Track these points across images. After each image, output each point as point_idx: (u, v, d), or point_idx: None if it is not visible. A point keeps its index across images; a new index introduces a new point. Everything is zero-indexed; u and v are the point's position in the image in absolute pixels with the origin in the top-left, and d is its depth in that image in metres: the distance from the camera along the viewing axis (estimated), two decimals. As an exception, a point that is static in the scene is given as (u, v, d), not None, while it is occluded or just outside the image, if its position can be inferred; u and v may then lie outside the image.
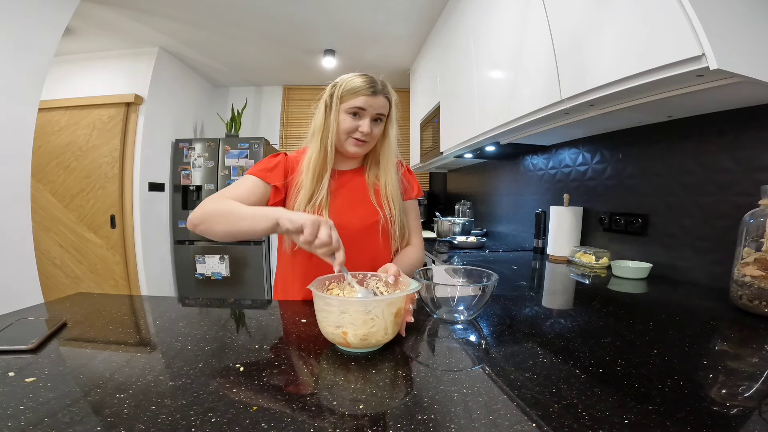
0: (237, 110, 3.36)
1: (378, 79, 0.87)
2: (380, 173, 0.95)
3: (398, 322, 0.60)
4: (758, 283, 0.75)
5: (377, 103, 0.86)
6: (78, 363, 0.53)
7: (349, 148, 0.89)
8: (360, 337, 0.55)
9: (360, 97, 0.84)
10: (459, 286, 0.79)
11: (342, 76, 0.88)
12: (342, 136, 0.88)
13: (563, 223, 1.56)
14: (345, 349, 0.59)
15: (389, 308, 0.57)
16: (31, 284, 1.71)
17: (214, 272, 3.04)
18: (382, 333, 0.57)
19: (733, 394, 0.46)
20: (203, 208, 0.79)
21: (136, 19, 2.41)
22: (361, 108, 0.85)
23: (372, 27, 2.56)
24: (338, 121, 0.87)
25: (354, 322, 0.55)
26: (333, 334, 0.57)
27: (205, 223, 0.77)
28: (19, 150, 1.68)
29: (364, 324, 0.55)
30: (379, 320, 0.56)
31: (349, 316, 0.55)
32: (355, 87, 0.85)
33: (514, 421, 0.40)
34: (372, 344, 0.57)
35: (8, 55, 1.60)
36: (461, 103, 2.03)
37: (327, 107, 0.88)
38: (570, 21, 1.11)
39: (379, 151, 0.95)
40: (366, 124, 0.86)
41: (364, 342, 0.56)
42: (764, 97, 0.91)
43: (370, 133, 0.87)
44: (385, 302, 0.57)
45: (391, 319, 0.57)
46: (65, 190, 2.77)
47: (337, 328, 0.56)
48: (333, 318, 0.57)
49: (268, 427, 0.38)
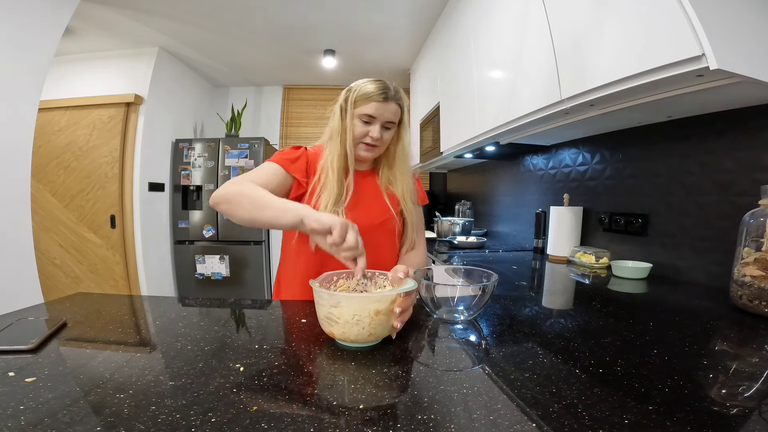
0: (237, 110, 3.37)
1: (391, 85, 0.89)
2: (395, 177, 0.97)
3: (385, 322, 0.59)
4: (758, 283, 0.75)
5: (389, 109, 0.88)
6: (78, 363, 0.53)
7: (360, 152, 0.91)
8: (341, 333, 0.58)
9: (372, 103, 0.86)
10: (459, 286, 0.79)
11: (357, 81, 0.91)
12: (354, 140, 0.90)
13: (563, 223, 1.56)
14: (340, 342, 0.61)
15: (371, 305, 0.57)
16: (31, 284, 1.71)
17: (214, 272, 3.04)
18: (365, 333, 0.57)
19: (733, 394, 0.46)
20: (228, 188, 0.79)
21: (136, 19, 2.41)
22: (372, 116, 0.87)
23: (372, 27, 2.56)
24: (352, 126, 0.89)
25: (340, 317, 0.57)
26: (325, 325, 0.61)
27: (228, 203, 0.78)
28: (19, 150, 1.68)
29: (348, 321, 0.57)
30: (364, 318, 0.57)
31: (337, 310, 0.58)
32: (367, 93, 0.86)
33: (514, 421, 0.40)
34: (353, 340, 0.58)
35: (8, 55, 1.60)
36: (461, 103, 2.03)
37: (342, 111, 0.90)
38: (570, 21, 1.11)
39: (392, 154, 0.97)
40: (376, 130, 0.88)
41: (345, 337, 0.58)
42: (764, 97, 0.91)
43: (380, 139, 0.89)
44: (368, 300, 0.58)
45: (374, 317, 0.57)
46: (65, 190, 2.77)
47: (328, 321, 0.59)
48: (324, 311, 0.60)
49: (268, 427, 0.38)
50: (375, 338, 0.59)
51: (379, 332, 0.59)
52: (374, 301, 0.58)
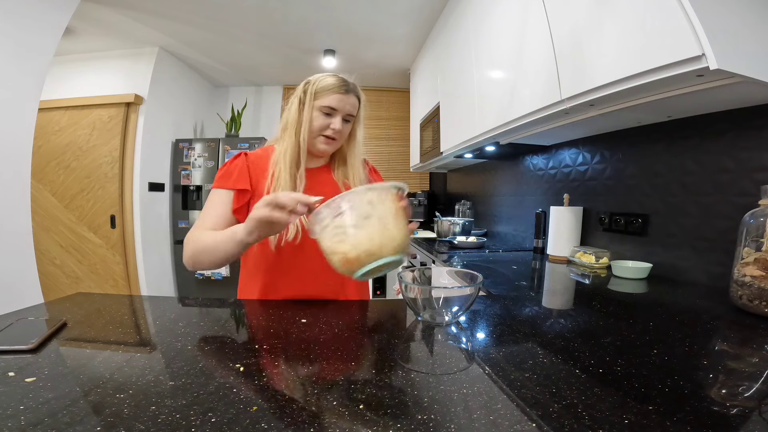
0: (237, 110, 3.37)
1: (350, 79, 0.91)
2: (348, 171, 0.97)
3: (395, 216, 0.55)
4: (758, 283, 0.75)
5: (349, 101, 0.89)
6: (78, 363, 0.53)
7: (319, 146, 0.91)
8: (353, 247, 0.51)
9: (334, 95, 0.87)
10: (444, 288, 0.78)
11: (314, 75, 0.92)
12: (313, 133, 0.90)
13: (563, 223, 1.56)
14: (358, 274, 0.54)
15: (373, 193, 0.52)
16: (31, 284, 1.71)
17: (214, 272, 3.04)
18: (379, 234, 0.51)
19: (733, 394, 0.46)
20: (186, 249, 0.84)
21: (136, 19, 2.41)
22: (333, 108, 0.88)
23: (372, 27, 2.56)
24: (311, 118, 0.88)
25: (345, 225, 0.51)
26: (336, 253, 0.54)
27: (197, 263, 0.83)
28: (19, 150, 1.68)
29: (356, 224, 0.51)
30: (372, 213, 0.51)
31: (340, 219, 0.52)
32: (328, 85, 0.88)
33: (514, 421, 0.40)
34: (368, 251, 0.52)
35: (8, 55, 1.60)
36: (461, 102, 2.03)
37: (300, 103, 0.90)
38: (570, 21, 1.11)
39: (346, 150, 0.97)
40: (337, 122, 0.89)
41: (358, 250, 0.52)
42: (764, 97, 0.91)
43: (340, 131, 0.90)
44: (377, 190, 0.52)
45: (380, 207, 0.52)
46: (65, 190, 2.77)
47: (337, 241, 0.53)
48: (328, 233, 0.54)
49: (268, 427, 0.38)
50: (393, 246, 0.53)
51: (394, 233, 0.53)
52: (375, 189, 0.52)
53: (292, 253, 0.88)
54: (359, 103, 0.93)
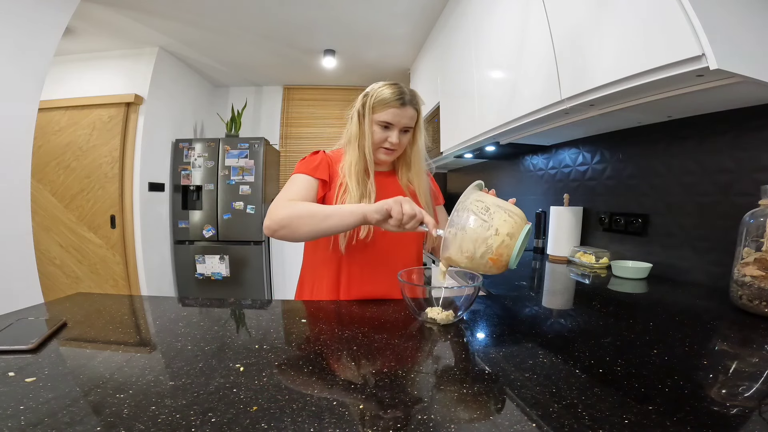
0: (237, 110, 3.36)
1: (407, 89, 0.91)
2: (413, 177, 1.00)
3: (507, 203, 0.68)
4: (758, 283, 0.75)
5: (406, 114, 0.90)
6: (78, 363, 0.53)
7: (380, 156, 0.95)
8: (505, 230, 0.62)
9: (390, 109, 0.89)
10: (444, 288, 0.78)
11: (372, 86, 0.93)
12: (374, 145, 0.92)
13: (563, 223, 1.56)
14: (517, 245, 0.63)
15: (482, 195, 0.68)
16: (31, 284, 1.71)
17: (214, 272, 3.04)
18: (511, 209, 0.64)
19: (733, 394, 0.46)
20: (279, 213, 0.80)
21: (136, 19, 2.41)
22: (390, 123, 0.89)
23: (372, 27, 2.56)
24: (371, 132, 0.90)
25: (493, 223, 0.64)
26: (490, 252, 0.63)
27: (287, 227, 0.80)
28: (19, 150, 1.68)
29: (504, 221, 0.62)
30: (492, 206, 0.64)
31: (470, 221, 0.64)
32: (384, 99, 0.88)
33: (514, 421, 0.40)
34: (515, 225, 0.63)
35: (8, 55, 1.59)
36: (461, 102, 2.03)
37: (360, 116, 0.92)
38: (570, 21, 1.11)
39: (410, 155, 1.00)
40: (394, 135, 0.91)
41: (511, 231, 0.62)
42: (764, 97, 0.91)
43: (398, 144, 0.92)
44: (470, 190, 0.67)
45: (497, 200, 0.66)
46: (65, 190, 2.77)
47: (489, 236, 0.63)
48: (480, 233, 0.64)
49: (268, 427, 0.38)
50: (521, 216, 0.65)
51: (511, 207, 0.66)
52: (468, 191, 0.67)
53: (361, 252, 0.91)
54: (418, 114, 0.94)
